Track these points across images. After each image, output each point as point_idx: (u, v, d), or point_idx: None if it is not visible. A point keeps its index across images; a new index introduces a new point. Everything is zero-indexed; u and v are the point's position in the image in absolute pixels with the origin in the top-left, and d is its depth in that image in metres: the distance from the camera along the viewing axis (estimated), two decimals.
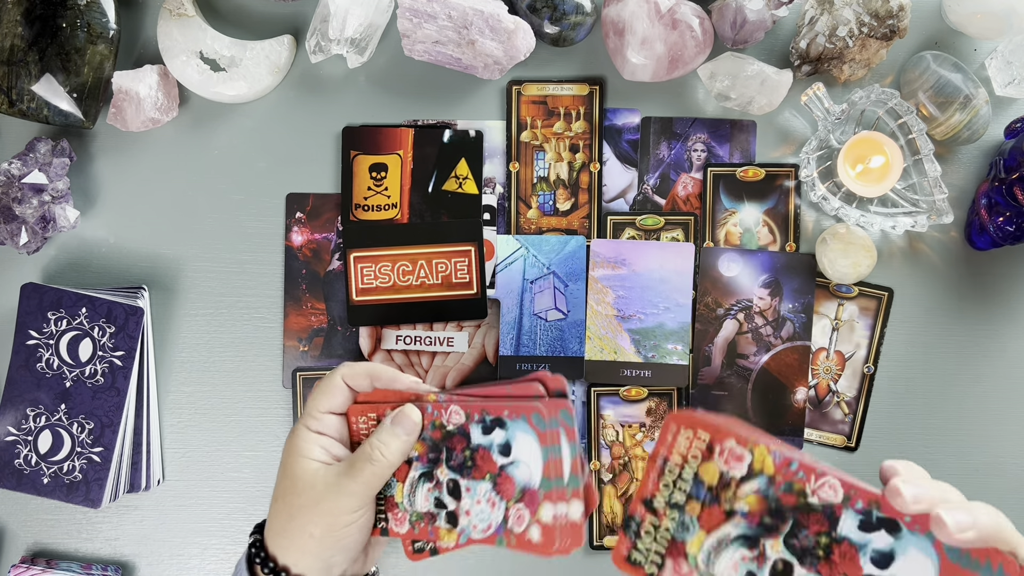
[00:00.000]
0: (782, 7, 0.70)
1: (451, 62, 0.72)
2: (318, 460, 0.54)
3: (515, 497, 0.51)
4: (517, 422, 0.51)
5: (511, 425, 0.51)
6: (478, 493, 0.52)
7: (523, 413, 0.51)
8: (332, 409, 0.56)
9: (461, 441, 0.53)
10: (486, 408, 0.52)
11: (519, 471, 0.51)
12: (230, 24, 0.74)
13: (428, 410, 0.55)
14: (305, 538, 0.53)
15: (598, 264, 0.74)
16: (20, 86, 0.69)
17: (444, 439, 0.54)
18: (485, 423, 0.52)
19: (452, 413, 0.53)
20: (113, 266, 0.74)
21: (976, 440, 0.75)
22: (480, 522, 0.52)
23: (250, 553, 0.55)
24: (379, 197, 0.74)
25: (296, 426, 0.56)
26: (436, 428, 0.54)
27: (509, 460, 0.51)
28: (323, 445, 0.55)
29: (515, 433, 0.51)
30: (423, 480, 0.54)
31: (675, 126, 0.74)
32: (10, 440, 0.69)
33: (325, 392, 0.56)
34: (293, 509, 0.54)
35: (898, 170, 0.70)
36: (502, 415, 0.52)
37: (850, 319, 0.74)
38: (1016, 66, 0.71)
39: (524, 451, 0.51)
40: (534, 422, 0.51)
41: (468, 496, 0.53)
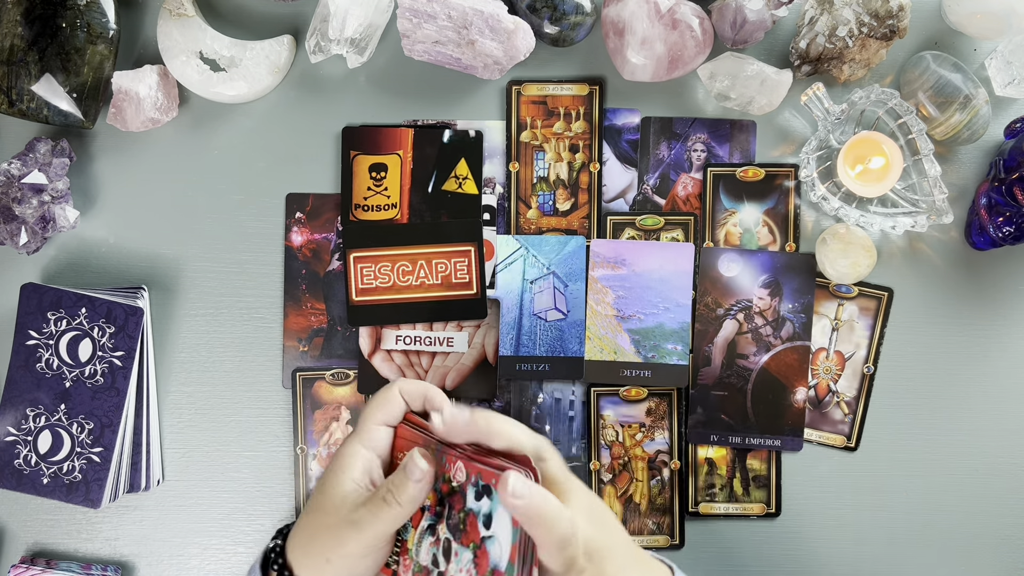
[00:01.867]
0: (782, 7, 0.70)
1: (451, 62, 0.72)
2: (356, 481, 0.54)
3: (486, 575, 0.51)
4: (499, 495, 0.51)
5: (495, 496, 0.51)
6: (462, 562, 0.53)
7: None
8: (387, 421, 0.57)
9: (460, 502, 0.53)
10: (481, 472, 0.52)
11: (494, 548, 0.51)
12: (230, 24, 0.74)
13: (443, 461, 0.55)
14: (321, 561, 0.53)
15: (598, 264, 0.74)
16: (20, 86, 0.69)
17: (449, 495, 0.54)
18: (478, 488, 0.53)
19: (457, 470, 0.54)
20: (113, 266, 0.74)
21: (976, 440, 0.75)
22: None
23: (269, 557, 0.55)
24: (379, 197, 0.74)
25: (349, 438, 0.56)
26: (445, 481, 0.54)
27: (489, 533, 0.51)
28: (367, 465, 0.55)
29: (496, 507, 0.51)
30: (428, 533, 0.55)
31: (675, 126, 0.74)
32: (10, 440, 0.69)
33: (382, 405, 0.56)
34: (317, 529, 0.54)
35: (898, 170, 0.70)
36: (491, 483, 0.52)
37: (850, 319, 0.74)
38: (1016, 66, 0.71)
39: (501, 527, 0.51)
40: None
41: (455, 561, 0.53)
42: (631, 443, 0.74)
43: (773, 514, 0.74)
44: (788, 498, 0.75)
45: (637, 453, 0.74)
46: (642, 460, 0.74)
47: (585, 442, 0.74)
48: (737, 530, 0.75)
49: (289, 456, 0.74)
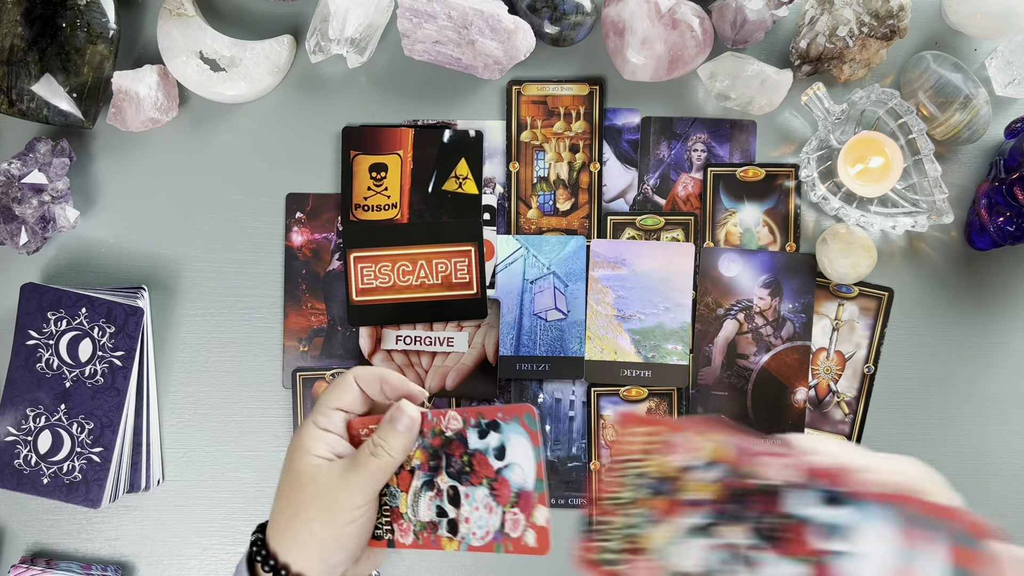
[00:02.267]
0: (782, 7, 0.70)
1: (451, 62, 0.72)
2: (323, 456, 0.55)
3: (511, 501, 0.51)
4: (511, 424, 0.51)
5: (505, 428, 0.51)
6: (476, 499, 0.52)
7: (516, 414, 0.52)
8: (342, 407, 0.57)
9: (459, 447, 0.53)
10: (481, 412, 0.53)
11: (513, 474, 0.51)
12: (230, 24, 0.74)
13: (428, 417, 0.55)
14: (307, 535, 0.53)
15: (598, 264, 0.74)
16: (20, 86, 0.69)
17: (443, 445, 0.54)
18: (481, 427, 0.52)
19: (450, 419, 0.54)
20: (113, 266, 0.74)
21: (976, 440, 0.75)
22: (479, 529, 0.52)
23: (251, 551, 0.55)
24: (379, 197, 0.74)
25: (304, 422, 0.56)
26: (436, 435, 0.54)
27: (504, 463, 0.51)
28: (328, 443, 0.55)
29: (509, 435, 0.51)
30: (425, 489, 0.54)
31: (675, 126, 0.74)
32: (10, 440, 0.69)
33: (336, 389, 0.57)
34: (296, 505, 0.54)
35: (898, 170, 0.70)
36: (496, 418, 0.52)
37: (850, 319, 0.74)
38: (1016, 66, 0.71)
39: (518, 453, 0.51)
40: (526, 423, 0.51)
41: (467, 503, 0.53)
42: None
43: None
44: None
45: None
46: None
47: (585, 442, 0.74)
48: None
49: None
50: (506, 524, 0.51)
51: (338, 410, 0.56)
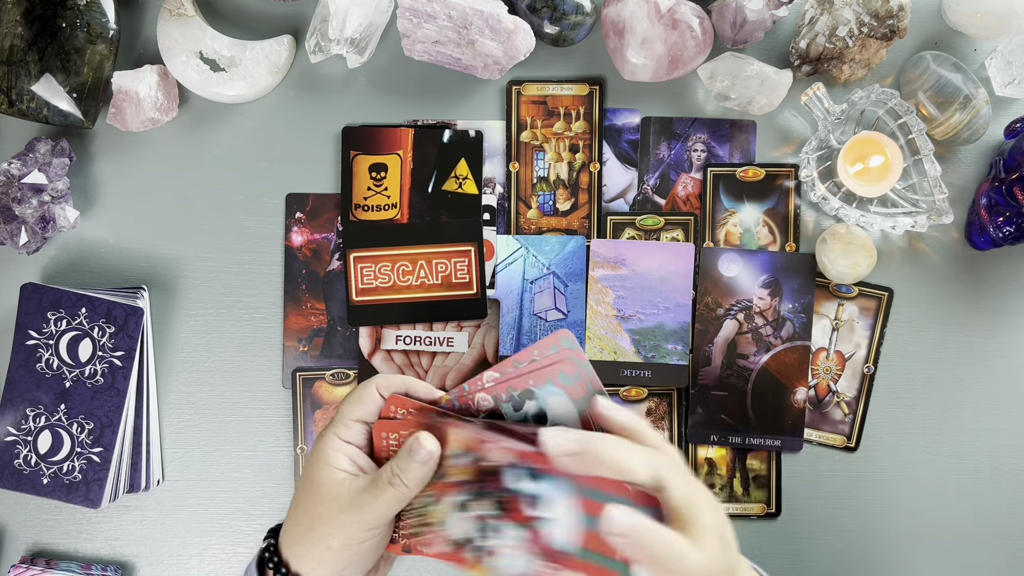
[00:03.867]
0: (782, 7, 0.70)
1: (451, 62, 0.72)
2: (344, 470, 0.54)
3: (544, 554, 0.50)
4: (544, 388, 0.51)
5: (544, 480, 0.50)
6: (506, 537, 0.51)
7: (548, 377, 0.51)
8: (363, 418, 0.55)
9: (496, 481, 0.52)
10: (510, 384, 0.52)
11: (554, 530, 0.49)
12: (230, 24, 0.74)
13: (456, 405, 0.54)
14: (323, 548, 0.53)
15: (598, 264, 0.74)
16: (20, 86, 0.69)
17: (481, 474, 0.53)
18: (514, 399, 0.52)
19: (480, 401, 0.53)
20: (113, 266, 0.74)
21: (976, 440, 0.75)
22: (506, 566, 0.51)
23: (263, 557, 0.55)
24: (379, 197, 0.74)
25: (325, 432, 0.55)
26: (475, 461, 0.53)
27: (542, 515, 0.50)
28: (349, 455, 0.54)
29: (546, 399, 0.51)
30: (462, 508, 0.53)
31: (675, 126, 0.74)
32: (10, 440, 0.69)
33: (358, 400, 0.55)
34: (314, 518, 0.53)
35: (898, 170, 0.70)
36: (528, 385, 0.52)
37: (850, 319, 0.74)
38: (1016, 66, 0.71)
39: (562, 511, 0.49)
40: (561, 382, 0.51)
41: (496, 536, 0.52)
42: None
43: (773, 514, 0.74)
44: (788, 498, 0.75)
45: None
46: None
47: None
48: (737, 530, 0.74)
49: (289, 456, 0.74)
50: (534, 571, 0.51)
51: (360, 421, 0.55)
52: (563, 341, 0.52)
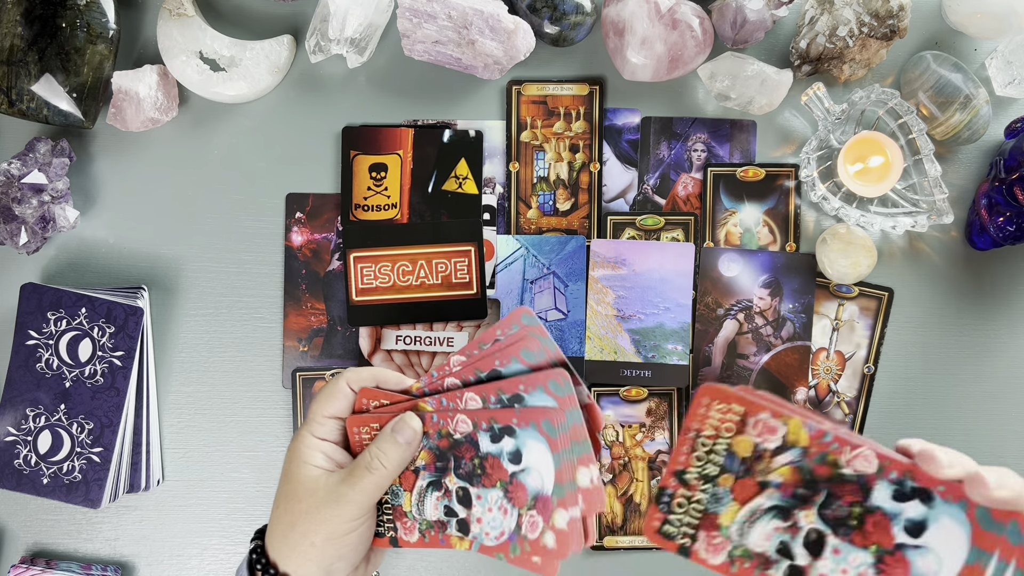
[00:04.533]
0: (782, 7, 0.70)
1: (451, 62, 0.72)
2: (320, 467, 0.54)
3: (528, 504, 0.50)
4: (527, 430, 0.50)
5: (521, 433, 0.50)
6: (489, 501, 0.52)
7: (532, 420, 0.50)
8: (336, 414, 0.56)
9: (470, 450, 0.52)
10: (494, 416, 0.51)
11: (531, 478, 0.50)
12: (230, 24, 0.74)
13: (434, 419, 0.54)
14: (306, 546, 0.53)
15: (598, 264, 0.74)
16: (20, 86, 0.69)
17: (451, 447, 0.53)
18: (494, 431, 0.51)
19: (459, 422, 0.53)
20: (113, 266, 0.74)
21: (977, 440, 0.75)
22: (492, 529, 0.52)
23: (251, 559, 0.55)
24: (379, 197, 0.74)
25: (299, 432, 0.56)
26: (443, 437, 0.53)
27: (520, 467, 0.51)
28: (325, 451, 0.55)
29: (525, 441, 0.50)
30: (431, 489, 0.54)
31: (675, 126, 0.74)
32: (10, 440, 0.69)
33: (329, 397, 0.56)
34: (295, 516, 0.53)
35: (898, 170, 0.70)
36: (511, 423, 0.51)
37: (850, 319, 0.74)
38: (1016, 66, 0.71)
39: (535, 458, 0.50)
40: (544, 429, 0.49)
41: (479, 504, 0.52)
42: (631, 443, 0.74)
43: None
44: None
45: (637, 453, 0.74)
46: (642, 460, 0.74)
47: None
48: None
49: None
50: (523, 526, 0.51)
51: (333, 418, 0.56)
52: (524, 318, 0.51)
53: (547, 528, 0.50)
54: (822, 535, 0.46)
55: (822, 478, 0.46)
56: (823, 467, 0.46)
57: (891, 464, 0.45)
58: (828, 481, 0.46)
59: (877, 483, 0.45)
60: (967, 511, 0.43)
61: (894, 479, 0.45)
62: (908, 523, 0.44)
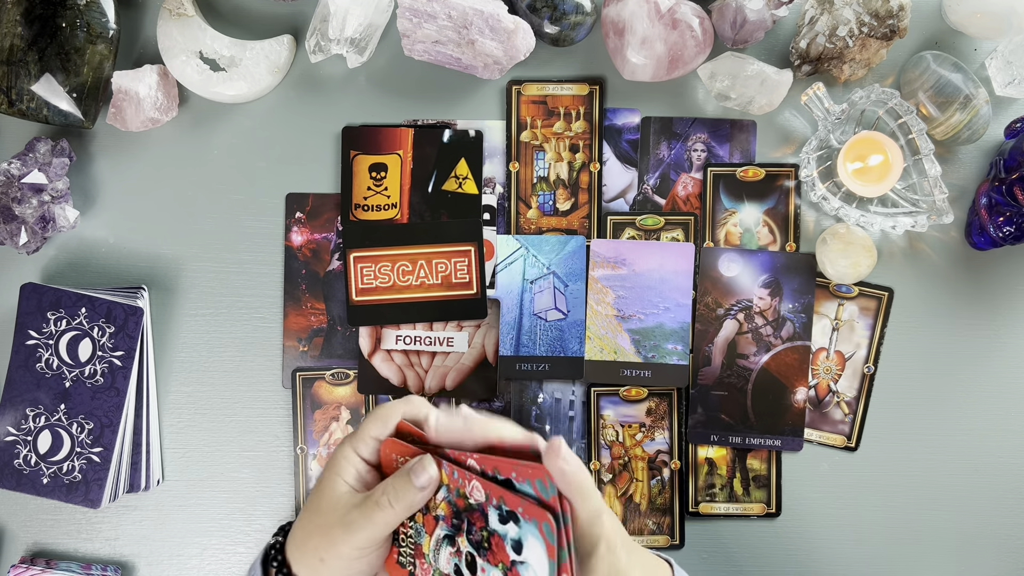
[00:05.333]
0: (782, 7, 0.70)
1: (451, 62, 0.72)
2: (349, 483, 0.54)
3: None
4: (529, 525, 0.49)
5: (524, 525, 0.50)
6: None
7: (534, 518, 0.50)
8: (381, 437, 0.55)
9: (480, 520, 0.52)
10: (504, 497, 0.51)
11: (527, 573, 0.50)
12: (230, 24, 0.74)
13: (454, 475, 0.53)
14: (315, 560, 0.53)
15: (598, 264, 0.74)
16: (20, 86, 0.69)
17: (466, 510, 0.52)
18: (502, 512, 0.51)
19: (473, 489, 0.52)
20: (113, 266, 0.74)
21: (977, 440, 0.75)
22: None
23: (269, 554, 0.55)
24: (379, 197, 0.74)
25: (343, 442, 0.56)
26: (460, 496, 0.53)
27: (520, 559, 0.50)
28: (360, 469, 0.55)
29: (527, 535, 0.50)
30: (446, 543, 0.54)
31: (675, 126, 0.74)
32: (10, 440, 0.69)
33: (381, 420, 0.55)
34: (312, 527, 0.54)
35: (898, 170, 0.70)
36: (517, 511, 0.50)
37: (850, 319, 0.74)
38: (1016, 66, 0.71)
39: (533, 556, 0.50)
40: (544, 532, 0.49)
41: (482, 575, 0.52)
42: (631, 443, 0.74)
43: (773, 514, 0.74)
44: (788, 498, 0.75)
45: (637, 453, 0.74)
46: (642, 460, 0.74)
47: (585, 442, 0.74)
48: (737, 530, 0.75)
49: (289, 456, 0.74)
50: None
51: (377, 439, 0.55)
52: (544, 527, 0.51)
53: None
54: (474, 557, 0.52)
55: (462, 509, 0.53)
56: (460, 499, 0.53)
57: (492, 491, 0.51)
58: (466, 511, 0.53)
59: (489, 509, 0.51)
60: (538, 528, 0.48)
61: (495, 505, 0.51)
62: (512, 542, 0.50)
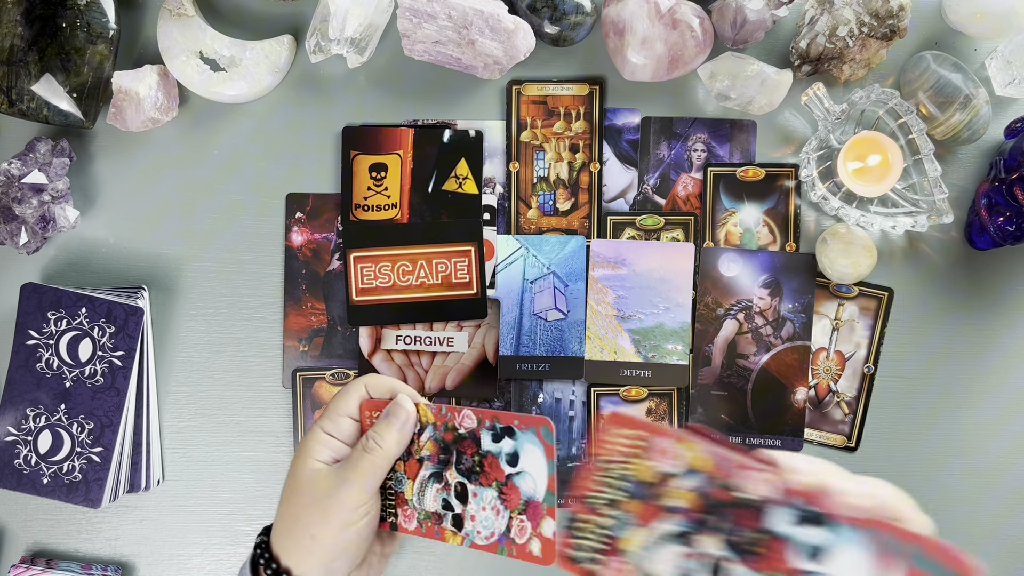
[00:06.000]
0: (782, 7, 0.70)
1: (451, 62, 0.72)
2: (323, 462, 0.55)
3: (519, 508, 0.52)
4: (526, 433, 0.51)
5: (520, 436, 0.52)
6: (484, 500, 0.53)
7: (532, 425, 0.52)
8: (350, 413, 0.57)
9: (471, 446, 0.54)
10: (497, 416, 0.53)
11: (524, 482, 0.52)
12: (230, 24, 0.74)
13: (442, 410, 0.55)
14: (307, 540, 0.53)
15: (598, 264, 0.74)
16: (20, 86, 0.69)
17: (455, 442, 0.54)
18: (495, 430, 0.53)
19: (464, 417, 0.54)
20: (113, 266, 0.74)
21: (977, 440, 0.75)
22: (484, 528, 0.53)
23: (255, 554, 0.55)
24: (379, 197, 0.74)
25: (311, 427, 0.57)
26: (448, 430, 0.55)
27: (516, 470, 0.52)
28: (332, 448, 0.56)
29: (524, 444, 0.52)
30: (432, 480, 0.55)
31: (675, 126, 0.74)
32: (10, 440, 0.69)
33: (346, 396, 0.57)
34: (296, 509, 0.54)
35: (898, 170, 0.70)
36: (512, 424, 0.52)
37: (850, 319, 0.74)
38: (1016, 66, 0.71)
39: (531, 463, 0.51)
40: (542, 435, 0.51)
41: (474, 501, 0.53)
42: None
43: None
44: None
45: None
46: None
47: (585, 442, 0.74)
48: None
49: (289, 456, 0.74)
50: (512, 529, 0.52)
51: (347, 417, 0.57)
52: (543, 430, 0.52)
53: (535, 535, 0.51)
54: (464, 485, 0.54)
55: (451, 441, 0.54)
56: (448, 433, 0.54)
57: (487, 415, 0.52)
58: (455, 443, 0.54)
59: (481, 432, 0.53)
60: (536, 433, 0.50)
61: (488, 426, 0.52)
62: (507, 456, 0.52)
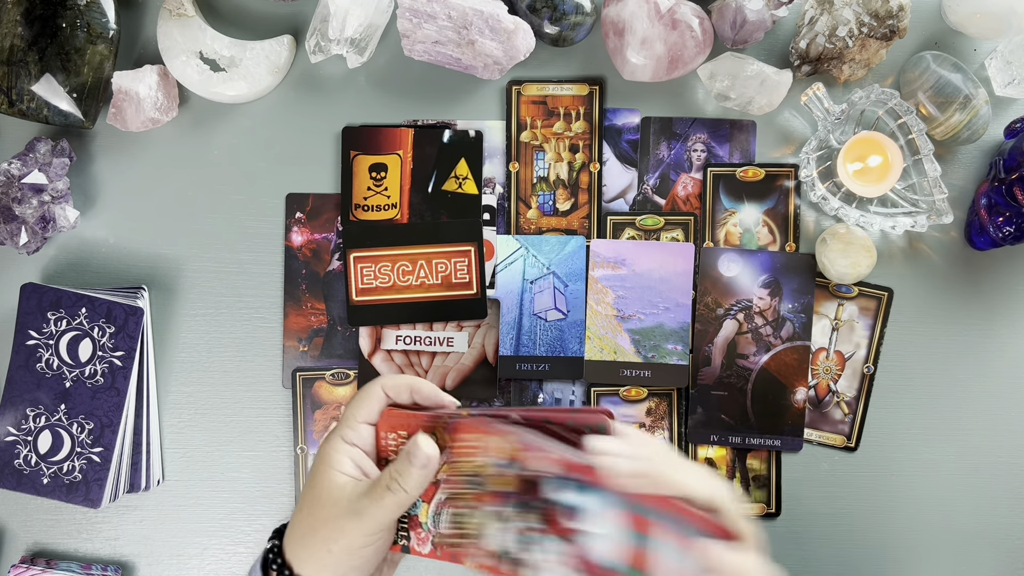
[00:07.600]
0: (782, 7, 0.70)
1: (451, 62, 0.72)
2: (347, 474, 0.54)
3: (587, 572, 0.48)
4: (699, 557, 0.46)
5: (590, 492, 0.47)
6: (550, 551, 0.48)
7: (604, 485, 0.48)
8: (369, 419, 0.55)
9: (535, 491, 0.49)
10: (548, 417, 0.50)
11: (597, 544, 0.47)
12: (230, 24, 0.74)
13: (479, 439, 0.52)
14: (324, 552, 0.53)
15: (598, 264, 0.74)
16: (20, 86, 0.69)
17: (522, 484, 0.50)
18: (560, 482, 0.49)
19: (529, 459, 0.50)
20: (113, 266, 0.74)
21: (976, 440, 0.75)
22: None
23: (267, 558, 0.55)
24: (379, 197, 0.74)
25: (330, 435, 0.55)
26: (519, 470, 0.50)
27: (583, 528, 0.47)
28: (354, 458, 0.54)
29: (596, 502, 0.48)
30: (502, 519, 0.51)
31: (675, 126, 0.74)
32: (10, 440, 0.69)
33: (364, 401, 0.55)
34: (316, 521, 0.53)
35: (898, 170, 0.70)
36: (577, 476, 0.48)
37: (850, 319, 0.74)
38: (1016, 66, 0.71)
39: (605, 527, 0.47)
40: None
41: (539, 550, 0.50)
42: None
43: (773, 514, 0.74)
44: (788, 498, 0.75)
45: None
46: None
47: None
48: None
49: (289, 456, 0.74)
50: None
51: (366, 423, 0.55)
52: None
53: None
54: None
55: None
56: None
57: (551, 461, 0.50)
58: None
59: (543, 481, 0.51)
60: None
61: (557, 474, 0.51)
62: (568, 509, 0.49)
